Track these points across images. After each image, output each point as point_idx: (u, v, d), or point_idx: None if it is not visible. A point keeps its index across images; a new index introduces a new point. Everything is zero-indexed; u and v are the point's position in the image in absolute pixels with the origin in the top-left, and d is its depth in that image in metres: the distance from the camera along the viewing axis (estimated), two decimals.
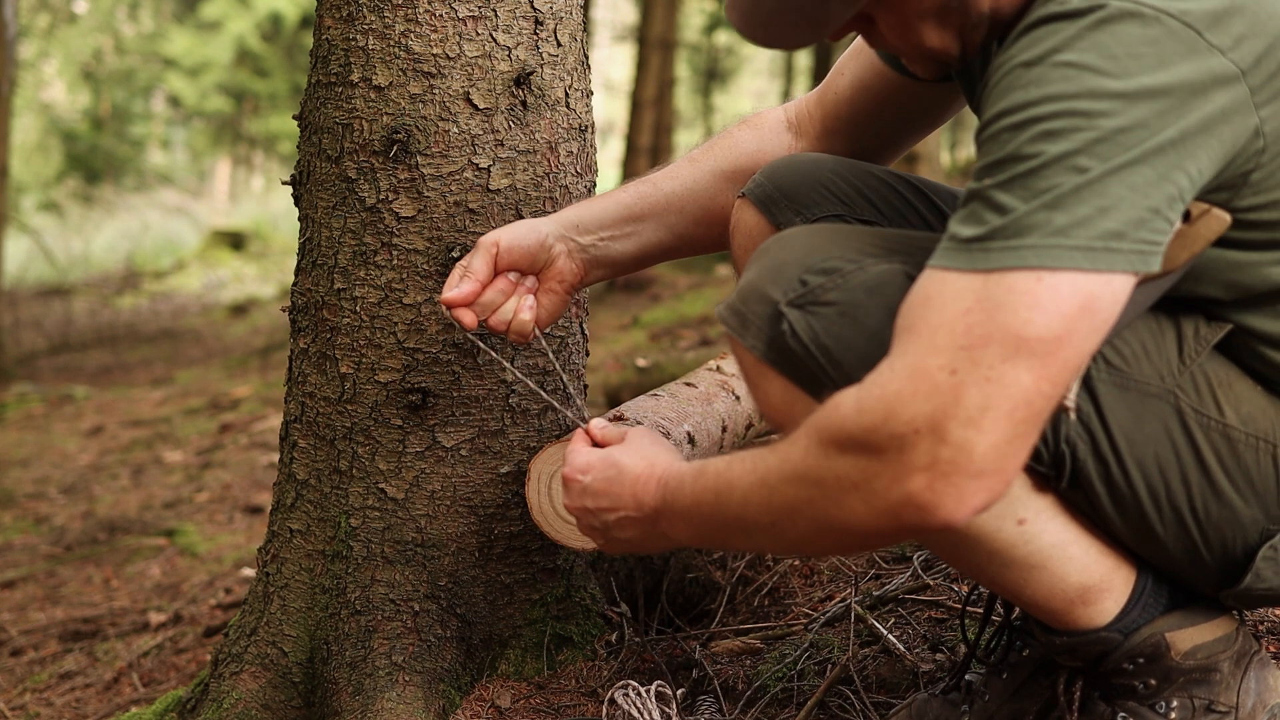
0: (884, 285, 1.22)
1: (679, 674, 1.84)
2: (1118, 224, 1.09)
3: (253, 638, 1.90)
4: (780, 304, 1.25)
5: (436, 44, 1.76)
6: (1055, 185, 1.09)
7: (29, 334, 10.65)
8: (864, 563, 2.10)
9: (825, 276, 1.24)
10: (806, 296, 1.24)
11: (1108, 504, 1.27)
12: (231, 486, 4.25)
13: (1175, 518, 1.27)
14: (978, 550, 1.28)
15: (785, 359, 1.26)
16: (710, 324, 5.42)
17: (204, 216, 19.21)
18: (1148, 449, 1.25)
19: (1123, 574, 1.32)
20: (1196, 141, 1.12)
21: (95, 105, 22.85)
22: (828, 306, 1.23)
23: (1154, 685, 1.33)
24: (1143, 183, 1.10)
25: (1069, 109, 1.09)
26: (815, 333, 1.23)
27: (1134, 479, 1.26)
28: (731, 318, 1.30)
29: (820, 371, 1.23)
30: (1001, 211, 1.10)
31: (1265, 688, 1.34)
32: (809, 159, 1.67)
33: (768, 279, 1.27)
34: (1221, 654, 1.33)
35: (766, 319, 1.26)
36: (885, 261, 1.25)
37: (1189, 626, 1.33)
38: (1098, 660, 1.34)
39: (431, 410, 1.81)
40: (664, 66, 11.02)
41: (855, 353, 1.21)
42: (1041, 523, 1.28)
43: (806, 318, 1.24)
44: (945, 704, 1.52)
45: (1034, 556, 1.28)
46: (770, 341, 1.26)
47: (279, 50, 23.02)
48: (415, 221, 1.79)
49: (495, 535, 1.86)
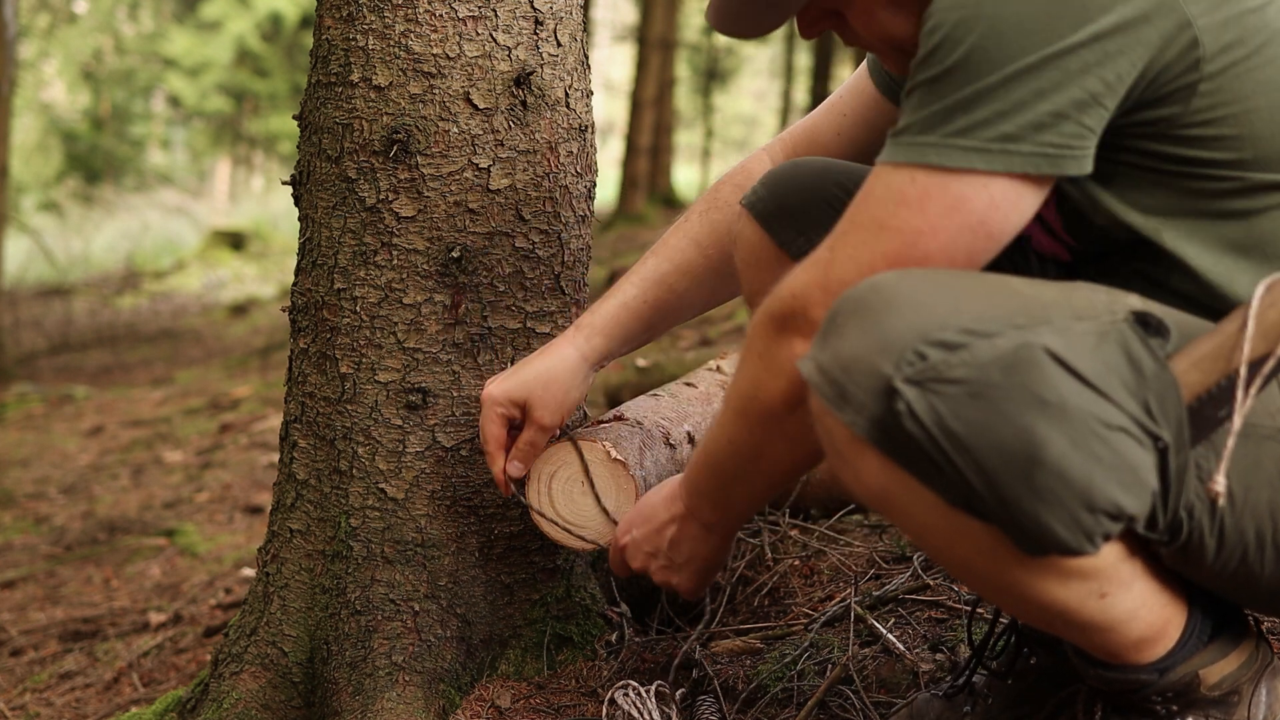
0: (1020, 365, 1.09)
1: (679, 674, 1.84)
2: (1014, 127, 1.16)
3: (253, 638, 1.90)
4: (894, 379, 1.10)
5: (436, 44, 1.76)
6: (959, 87, 1.16)
7: (29, 334, 10.65)
8: (864, 563, 2.11)
9: (949, 352, 1.10)
10: (928, 373, 1.10)
11: (1211, 555, 1.21)
12: (231, 486, 4.25)
13: (1276, 555, 1.22)
14: (1055, 619, 1.23)
15: (894, 440, 1.12)
16: (710, 323, 5.41)
17: (204, 216, 19.21)
18: (1261, 494, 1.20)
19: (1176, 620, 1.28)
20: (1110, 45, 1.15)
21: (95, 105, 22.86)
22: (955, 385, 1.09)
23: (1175, 710, 1.30)
24: (1047, 87, 1.15)
25: (976, 15, 1.15)
26: (940, 415, 1.09)
27: (1245, 527, 1.20)
28: (827, 386, 1.15)
29: (941, 456, 1.10)
30: (914, 109, 1.20)
31: (1275, 698, 1.32)
32: (814, 168, 1.63)
33: (876, 347, 1.12)
34: (1244, 678, 1.31)
35: (874, 394, 1.11)
36: (1016, 333, 1.11)
37: (1220, 660, 1.30)
38: (1129, 693, 1.31)
39: (431, 410, 1.82)
40: (664, 66, 11.02)
41: (990, 438, 1.08)
42: (1122, 593, 1.22)
43: (928, 397, 1.09)
44: (947, 704, 1.52)
45: (1106, 623, 1.23)
46: (876, 420, 1.12)
47: (279, 50, 23.03)
48: (415, 221, 1.79)
49: (495, 535, 1.86)
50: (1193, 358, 1.17)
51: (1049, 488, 1.07)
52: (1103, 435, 1.08)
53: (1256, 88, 1.22)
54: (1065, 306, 1.15)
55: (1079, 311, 1.15)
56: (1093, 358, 1.10)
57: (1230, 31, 1.20)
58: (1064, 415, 1.07)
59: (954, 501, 1.13)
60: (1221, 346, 1.17)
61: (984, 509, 1.11)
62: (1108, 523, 1.11)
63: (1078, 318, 1.13)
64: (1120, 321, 1.14)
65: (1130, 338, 1.14)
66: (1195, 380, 1.16)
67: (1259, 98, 1.22)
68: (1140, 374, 1.13)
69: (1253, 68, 1.22)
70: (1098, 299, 1.18)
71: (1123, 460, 1.09)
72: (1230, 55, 1.20)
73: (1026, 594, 1.19)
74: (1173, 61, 1.19)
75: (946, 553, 1.21)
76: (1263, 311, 1.17)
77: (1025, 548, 1.12)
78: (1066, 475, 1.07)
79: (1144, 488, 1.12)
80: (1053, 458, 1.07)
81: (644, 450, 1.79)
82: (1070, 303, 1.16)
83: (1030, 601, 1.21)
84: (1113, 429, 1.09)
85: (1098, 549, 1.12)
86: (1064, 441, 1.07)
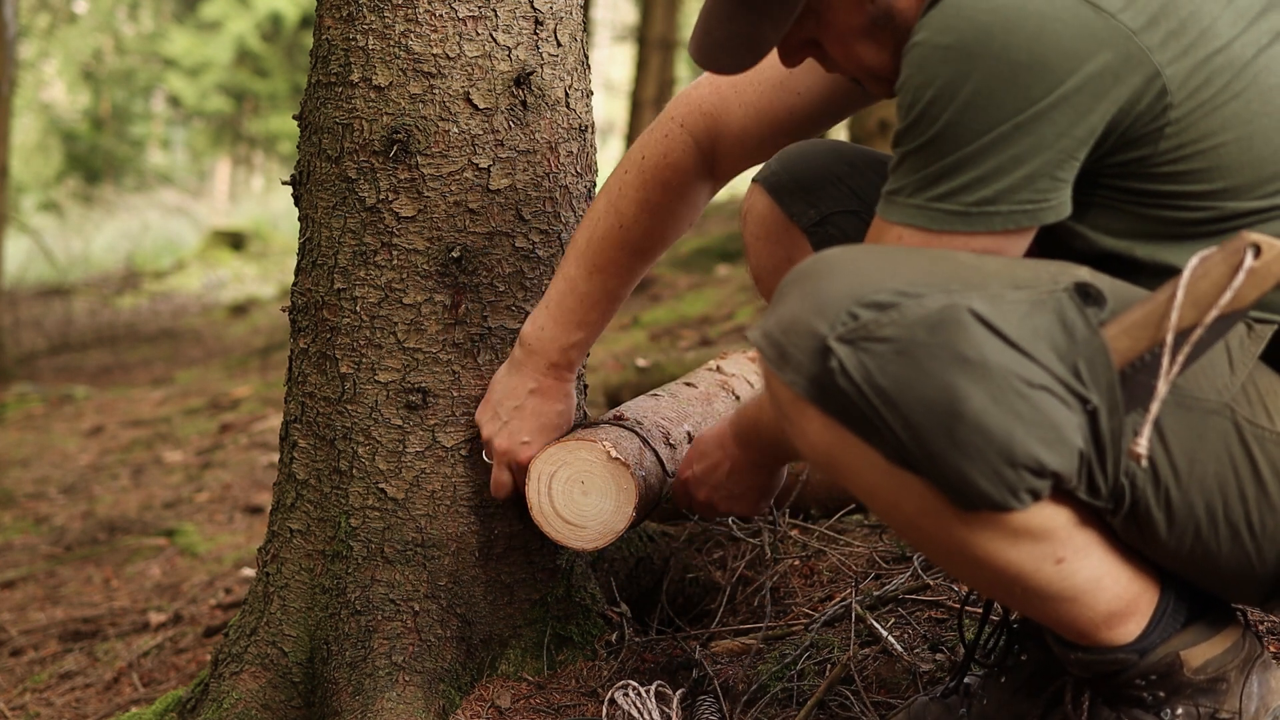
0: (945, 324, 1.14)
1: (679, 674, 1.84)
2: (992, 191, 1.22)
3: (253, 638, 1.90)
4: (828, 338, 1.16)
5: (436, 44, 1.76)
6: (941, 156, 1.22)
7: (29, 334, 10.65)
8: (864, 563, 2.11)
9: (879, 311, 1.15)
10: (859, 331, 1.15)
11: (1163, 529, 1.24)
12: (231, 486, 4.25)
13: (1230, 534, 1.24)
14: (1013, 585, 1.25)
15: (831, 397, 1.17)
16: (710, 323, 5.42)
17: (204, 216, 19.20)
18: (1208, 468, 1.22)
19: (1148, 596, 1.30)
20: (1080, 103, 1.20)
21: (95, 105, 22.85)
22: (883, 343, 1.14)
23: (1162, 697, 1.31)
24: (1022, 152, 1.21)
25: (951, 87, 1.20)
26: (869, 371, 1.14)
27: (1194, 500, 1.23)
28: (769, 348, 1.21)
29: (872, 411, 1.15)
30: (904, 175, 1.26)
31: (1267, 690, 1.33)
32: (825, 148, 1.69)
33: (812, 309, 1.18)
34: (1230, 664, 1.32)
35: (810, 353, 1.17)
36: (945, 295, 1.16)
37: (1202, 643, 1.31)
38: (1110, 676, 1.32)
39: (431, 410, 1.82)
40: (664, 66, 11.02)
41: (914, 393, 1.13)
42: (1079, 560, 1.24)
43: (858, 354, 1.15)
44: (943, 707, 1.52)
45: (1068, 591, 1.25)
46: (814, 378, 1.17)
47: (279, 50, 23.02)
48: (415, 221, 1.79)
49: (495, 535, 1.86)
50: (1124, 324, 1.20)
51: (970, 442, 1.12)
52: (1024, 393, 1.12)
53: (1225, 123, 1.25)
54: (1006, 276, 1.19)
55: (1020, 281, 1.19)
56: (1021, 322, 1.15)
57: (1198, 76, 1.23)
58: (985, 372, 1.12)
59: (892, 458, 1.17)
60: (1151, 314, 1.19)
61: (917, 464, 1.15)
62: (1030, 478, 1.14)
63: (1016, 287, 1.18)
64: (1060, 291, 1.18)
65: (1067, 305, 1.18)
66: (1125, 346, 1.19)
67: (1227, 132, 1.25)
68: (1072, 338, 1.17)
69: (1219, 104, 1.24)
70: (1045, 271, 1.22)
71: (1044, 418, 1.13)
72: (1198, 98, 1.24)
73: (977, 555, 1.21)
74: (1143, 111, 1.23)
75: (894, 512, 1.24)
76: (1194, 281, 1.18)
77: (956, 502, 1.16)
78: (986, 429, 1.12)
79: (1066, 446, 1.15)
80: (972, 412, 1.11)
81: (644, 450, 1.79)
82: (1013, 273, 1.20)
83: (983, 565, 1.23)
84: (1035, 387, 1.13)
85: (1024, 504, 1.16)
86: (984, 397, 1.11)
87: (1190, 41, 1.23)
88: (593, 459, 1.73)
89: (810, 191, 1.66)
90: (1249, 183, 1.27)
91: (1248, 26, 1.26)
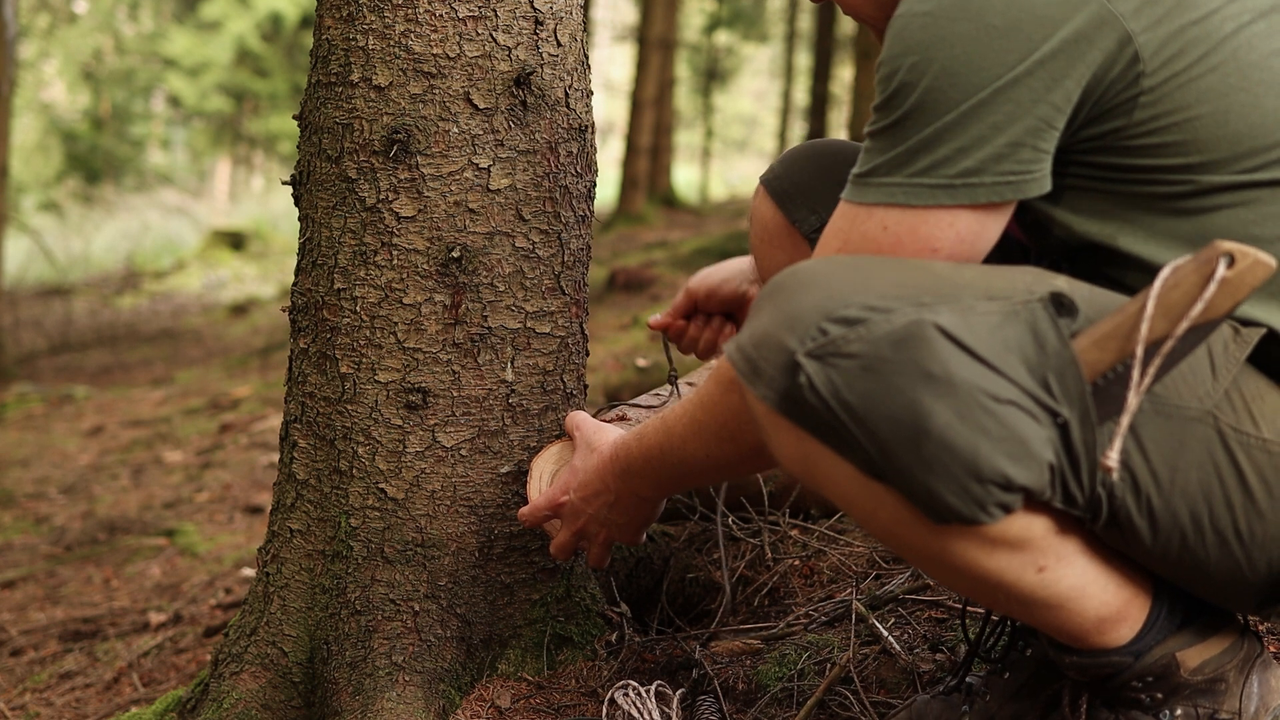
0: (910, 340, 1.13)
1: (679, 674, 1.84)
2: (975, 162, 1.21)
3: (253, 638, 1.90)
4: (797, 354, 1.16)
5: (437, 44, 1.76)
6: (919, 129, 1.22)
7: (29, 334, 10.65)
8: (864, 563, 2.11)
9: (848, 327, 1.15)
10: (827, 347, 1.15)
11: (1147, 537, 1.23)
12: (231, 486, 4.25)
13: (1218, 541, 1.23)
14: (996, 593, 1.25)
15: (801, 412, 1.17)
16: None
17: (204, 216, 19.21)
18: (1190, 475, 1.21)
19: (1140, 600, 1.29)
20: (1055, 68, 1.20)
21: (95, 105, 22.86)
22: (849, 359, 1.14)
23: (1160, 698, 1.31)
24: (1001, 119, 1.20)
25: (928, 57, 1.21)
26: (836, 387, 1.14)
27: (1177, 509, 1.22)
28: (742, 362, 1.21)
29: (841, 426, 1.15)
30: (879, 153, 1.25)
31: (1267, 690, 1.33)
32: (830, 149, 1.68)
33: (783, 323, 1.18)
34: (1228, 664, 1.31)
35: (780, 368, 1.17)
36: (914, 310, 1.15)
37: (1198, 643, 1.31)
38: (1106, 679, 1.32)
39: (431, 410, 1.82)
40: (664, 66, 11.02)
41: (880, 410, 1.13)
42: (1061, 568, 1.23)
43: (826, 370, 1.14)
44: (945, 704, 1.52)
45: (1053, 598, 1.25)
46: (784, 392, 1.17)
47: (279, 50, 23.03)
48: (415, 221, 1.79)
49: (495, 535, 1.86)
50: (1094, 336, 1.18)
51: (936, 458, 1.11)
52: (990, 408, 1.12)
53: (1200, 96, 1.24)
54: (980, 287, 1.18)
55: (994, 292, 1.18)
56: (991, 334, 1.14)
57: (1172, 45, 1.23)
58: (950, 388, 1.11)
59: (866, 470, 1.16)
60: (1121, 326, 1.18)
61: (887, 478, 1.15)
62: (999, 493, 1.13)
63: (989, 298, 1.17)
64: (1034, 302, 1.17)
65: (1040, 317, 1.17)
66: (1095, 358, 1.18)
67: (1202, 105, 1.24)
68: (1043, 350, 1.16)
69: (1194, 77, 1.24)
70: (1021, 280, 1.21)
71: (1011, 432, 1.12)
72: (1172, 67, 1.23)
73: (956, 564, 1.21)
74: (1116, 78, 1.23)
75: (873, 521, 1.23)
76: (1165, 292, 1.17)
77: (928, 516, 1.16)
78: (952, 446, 1.11)
79: (1035, 460, 1.13)
80: (938, 429, 1.11)
81: None
82: (988, 284, 1.19)
83: (963, 574, 1.22)
84: (1001, 402, 1.12)
85: (994, 518, 1.15)
86: (949, 414, 1.11)
87: (1165, 11, 1.23)
88: None
89: (810, 196, 1.65)
90: (1225, 158, 1.26)
91: (1229, 2, 1.26)
